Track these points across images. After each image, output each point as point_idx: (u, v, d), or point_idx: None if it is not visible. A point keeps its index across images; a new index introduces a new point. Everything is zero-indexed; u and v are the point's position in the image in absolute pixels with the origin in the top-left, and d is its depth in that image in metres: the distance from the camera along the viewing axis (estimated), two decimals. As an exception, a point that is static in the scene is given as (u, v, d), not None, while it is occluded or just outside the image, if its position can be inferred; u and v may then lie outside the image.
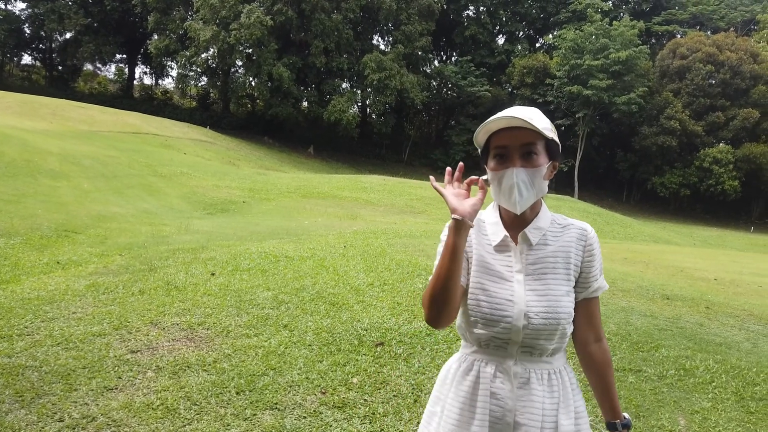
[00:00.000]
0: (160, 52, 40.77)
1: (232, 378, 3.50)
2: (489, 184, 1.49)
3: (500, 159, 1.44)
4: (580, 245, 1.52)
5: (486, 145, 1.49)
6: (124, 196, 13.62)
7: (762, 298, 7.47)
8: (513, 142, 1.43)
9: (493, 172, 1.45)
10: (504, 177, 1.43)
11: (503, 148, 1.44)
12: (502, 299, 1.46)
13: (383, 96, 41.27)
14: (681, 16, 50.33)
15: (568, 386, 1.53)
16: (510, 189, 1.43)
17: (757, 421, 3.50)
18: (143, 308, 4.69)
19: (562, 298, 1.47)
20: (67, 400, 3.11)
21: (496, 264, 1.51)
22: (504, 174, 1.43)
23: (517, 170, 1.42)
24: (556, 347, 1.50)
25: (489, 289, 1.48)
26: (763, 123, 42.07)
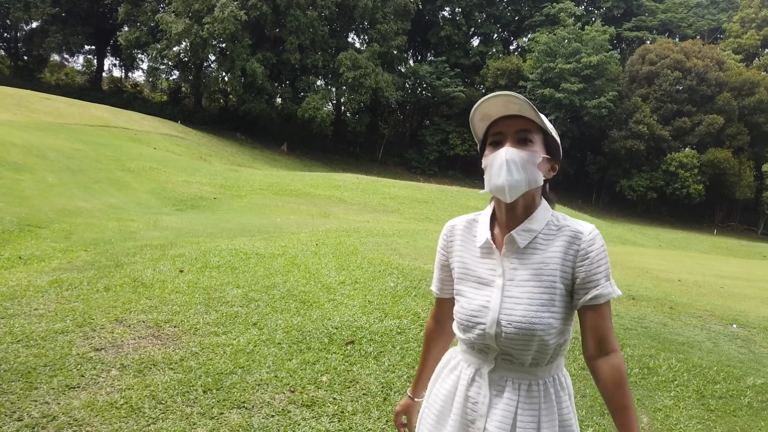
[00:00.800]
0: (131, 44, 39.91)
1: (199, 376, 3.44)
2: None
3: (496, 146, 1.42)
4: (571, 250, 1.41)
5: (484, 137, 1.48)
6: (90, 191, 13.31)
7: (723, 299, 7.69)
8: (508, 128, 1.41)
9: (485, 157, 1.44)
10: (496, 158, 1.39)
11: (499, 134, 1.42)
12: (478, 306, 1.44)
13: (358, 94, 41.20)
14: (650, 22, 51.49)
15: (552, 398, 1.45)
16: (500, 168, 1.38)
17: (717, 419, 3.60)
18: (108, 305, 4.59)
19: (540, 307, 1.39)
20: (26, 399, 3.02)
21: (480, 268, 1.47)
22: (496, 155, 1.39)
23: (507, 148, 1.39)
24: (536, 358, 1.42)
25: (467, 295, 1.47)
26: (727, 129, 43.33)
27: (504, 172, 1.37)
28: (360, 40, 48.01)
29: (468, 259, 1.50)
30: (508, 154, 1.38)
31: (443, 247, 1.58)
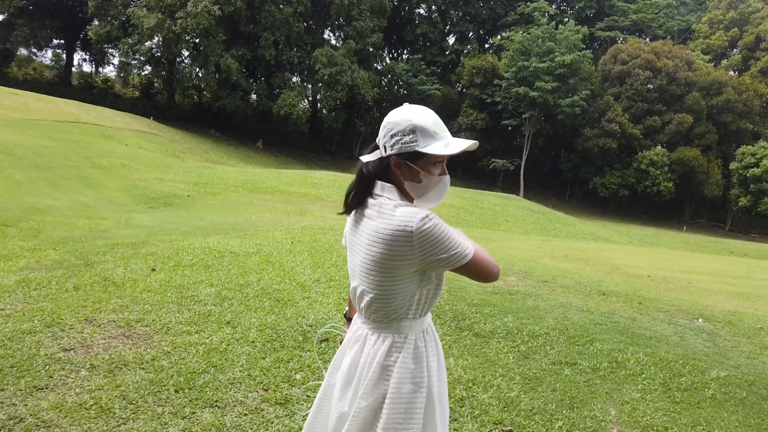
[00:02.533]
0: (101, 38, 39.06)
1: (171, 376, 3.42)
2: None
3: (438, 165, 1.73)
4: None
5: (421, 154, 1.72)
6: (59, 188, 13.03)
7: (690, 294, 7.88)
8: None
9: (432, 176, 1.72)
10: (443, 182, 1.75)
11: (442, 157, 1.72)
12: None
13: (334, 91, 41.05)
14: (622, 22, 52.35)
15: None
16: (444, 192, 1.77)
17: (682, 410, 3.70)
18: (78, 305, 4.51)
19: None
20: (-8, 402, 2.96)
21: None
22: (442, 180, 1.75)
23: (449, 178, 1.78)
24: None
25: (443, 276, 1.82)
26: (696, 128, 44.34)
27: (445, 195, 1.79)
28: (336, 37, 47.83)
29: None
30: (449, 181, 1.79)
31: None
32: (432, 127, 1.66)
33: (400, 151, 1.67)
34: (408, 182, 1.72)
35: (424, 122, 1.65)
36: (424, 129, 1.65)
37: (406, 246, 1.60)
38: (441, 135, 1.68)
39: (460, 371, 3.86)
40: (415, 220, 1.59)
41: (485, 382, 3.73)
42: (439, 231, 1.60)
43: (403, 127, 1.66)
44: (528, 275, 7.39)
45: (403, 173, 1.71)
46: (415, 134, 1.65)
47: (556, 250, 11.72)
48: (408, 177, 1.71)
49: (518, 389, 3.70)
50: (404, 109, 1.70)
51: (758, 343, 5.45)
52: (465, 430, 3.13)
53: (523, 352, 4.38)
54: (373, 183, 1.74)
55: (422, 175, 1.70)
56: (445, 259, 1.62)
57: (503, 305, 5.57)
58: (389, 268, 1.66)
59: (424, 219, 1.59)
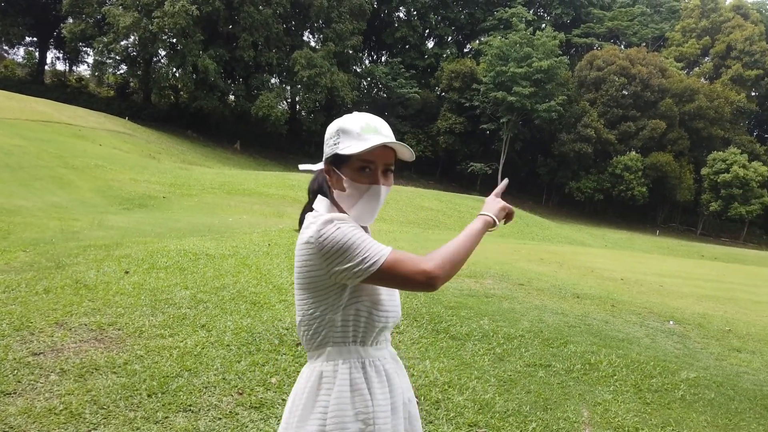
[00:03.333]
0: (75, 36, 38.40)
1: (144, 380, 3.37)
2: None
3: (365, 172, 1.49)
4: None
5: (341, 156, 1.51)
6: (30, 189, 12.76)
7: (662, 297, 8.04)
8: (379, 159, 1.50)
9: (358, 183, 1.49)
10: (371, 192, 1.51)
11: (371, 162, 1.49)
12: (396, 299, 1.64)
13: (313, 93, 40.96)
14: (598, 29, 53.23)
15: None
16: (376, 204, 1.53)
17: (653, 411, 3.77)
18: (48, 308, 4.42)
19: None
20: (-43, 407, 2.88)
21: None
22: (371, 189, 1.50)
23: (385, 188, 1.53)
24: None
25: (386, 292, 1.58)
26: (669, 134, 45.29)
27: (377, 209, 1.55)
28: (315, 39, 47.76)
29: None
30: (384, 194, 1.53)
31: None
32: (357, 129, 1.47)
33: (327, 155, 1.53)
34: (336, 192, 1.54)
35: (350, 125, 1.48)
36: (348, 131, 1.48)
37: (314, 257, 1.43)
38: (366, 137, 1.46)
39: (436, 374, 3.88)
40: (316, 226, 1.43)
41: (461, 385, 3.76)
42: (341, 236, 1.40)
43: (332, 131, 1.52)
44: (504, 278, 7.45)
45: (333, 181, 1.55)
46: (339, 136, 1.49)
47: (532, 253, 11.85)
48: (336, 185, 1.54)
49: (493, 391, 3.73)
50: (345, 116, 1.55)
51: (726, 345, 5.58)
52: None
53: (499, 355, 4.42)
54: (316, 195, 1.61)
55: (346, 182, 1.50)
56: (351, 269, 1.40)
57: (479, 308, 5.61)
58: (305, 285, 1.49)
59: (324, 224, 1.42)
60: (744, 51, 49.68)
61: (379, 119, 1.52)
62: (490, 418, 3.36)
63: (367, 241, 1.42)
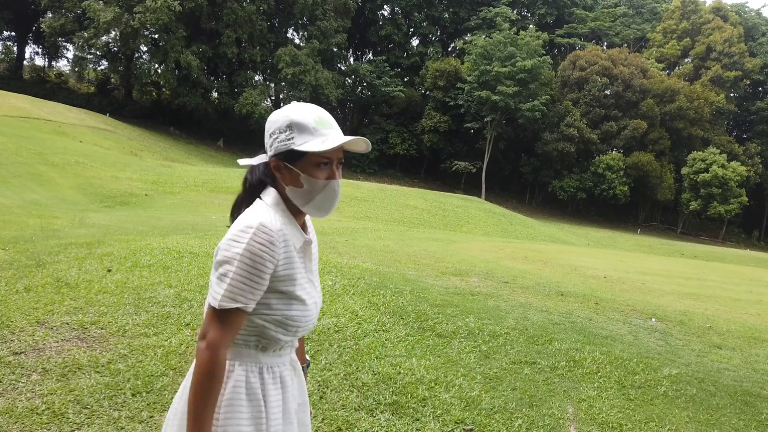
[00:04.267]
0: (55, 31, 37.72)
1: (128, 379, 3.33)
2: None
3: (322, 167, 1.49)
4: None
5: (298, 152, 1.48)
6: (9, 186, 12.53)
7: (644, 295, 8.14)
8: (334, 154, 1.50)
9: (316, 179, 1.49)
10: (329, 187, 1.51)
11: (328, 158, 1.50)
12: (313, 303, 1.59)
13: (297, 91, 40.75)
14: (581, 30, 53.70)
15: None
16: (334, 198, 1.53)
17: (636, 407, 3.82)
18: (29, 307, 4.34)
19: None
20: (-65, 408, 2.82)
21: (301, 268, 1.55)
22: (329, 184, 1.50)
23: (338, 182, 1.53)
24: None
25: (303, 296, 1.53)
26: (650, 133, 45.86)
27: (335, 203, 1.55)
28: (300, 37, 47.54)
29: (295, 260, 1.52)
30: (339, 188, 1.54)
31: (274, 255, 1.44)
32: (312, 123, 1.46)
33: (277, 150, 1.49)
34: (289, 188, 1.51)
35: (302, 118, 1.46)
36: (302, 125, 1.46)
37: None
38: (322, 132, 1.46)
39: (423, 371, 3.89)
40: (237, 229, 1.44)
41: (447, 382, 3.77)
42: (231, 257, 1.40)
43: (279, 125, 1.48)
44: (489, 276, 7.49)
45: (284, 177, 1.51)
46: (292, 131, 1.46)
47: (516, 251, 11.93)
48: (289, 181, 1.50)
49: (479, 388, 3.75)
50: (286, 106, 1.51)
51: (707, 341, 5.67)
52: (427, 429, 3.16)
53: (485, 352, 4.44)
54: (259, 190, 1.55)
55: (303, 178, 1.48)
56: (212, 284, 1.44)
57: (465, 306, 5.63)
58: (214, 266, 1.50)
59: (235, 236, 1.42)
60: (723, 52, 50.47)
61: (324, 111, 1.52)
62: (476, 415, 3.38)
63: (244, 283, 1.40)
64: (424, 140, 47.24)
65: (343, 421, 3.14)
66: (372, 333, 4.51)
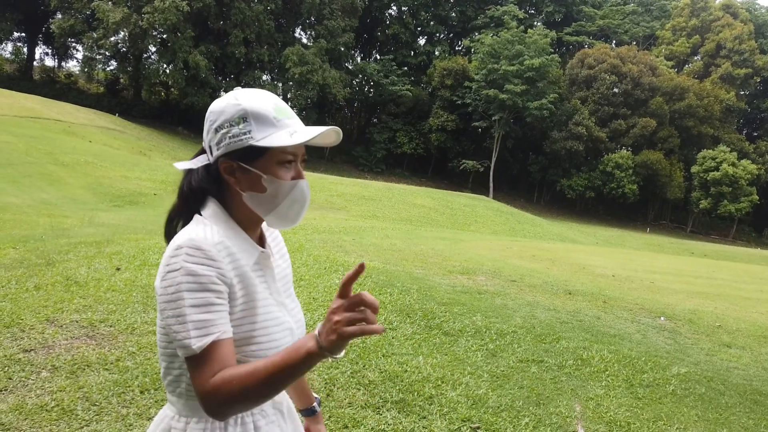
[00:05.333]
0: (64, 32, 38.04)
1: (137, 377, 3.35)
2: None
3: (287, 166, 1.19)
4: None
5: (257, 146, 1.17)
6: (19, 185, 12.64)
7: (653, 294, 8.10)
8: (299, 150, 1.22)
9: (282, 180, 1.18)
10: (298, 189, 1.20)
11: (294, 155, 1.20)
12: (286, 327, 1.25)
13: (305, 90, 40.86)
14: (589, 28, 53.44)
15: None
16: (303, 203, 1.23)
17: (644, 406, 3.80)
18: (39, 305, 4.38)
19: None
20: (-54, 405, 2.86)
21: (262, 286, 1.22)
22: (297, 185, 1.20)
23: (307, 182, 1.23)
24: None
25: (271, 318, 1.22)
26: (659, 132, 45.57)
27: (305, 208, 1.25)
28: (307, 36, 47.65)
29: (251, 280, 1.19)
30: (307, 189, 1.23)
31: (222, 273, 1.12)
32: (272, 112, 1.17)
33: (229, 149, 1.17)
34: (248, 193, 1.19)
35: (259, 106, 1.17)
36: (260, 115, 1.16)
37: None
38: (284, 123, 1.18)
39: (429, 369, 3.89)
40: (166, 255, 1.13)
41: (454, 380, 3.76)
42: (173, 291, 1.09)
43: (229, 116, 1.17)
44: (497, 275, 7.48)
45: (240, 181, 1.19)
46: (248, 123, 1.16)
47: (524, 250, 11.89)
48: (247, 186, 1.18)
49: (486, 387, 3.74)
50: (231, 94, 1.21)
51: (716, 340, 5.63)
52: (434, 427, 3.16)
53: (491, 350, 4.43)
54: (200, 201, 1.22)
55: (266, 179, 1.17)
56: (171, 333, 1.11)
57: (472, 304, 5.62)
58: (160, 311, 1.16)
59: (167, 267, 1.11)
60: (733, 50, 50.06)
61: (277, 96, 1.24)
62: (483, 413, 3.38)
63: (201, 306, 1.09)
64: (431, 139, 47.19)
65: (350, 418, 3.15)
66: (379, 331, 4.50)
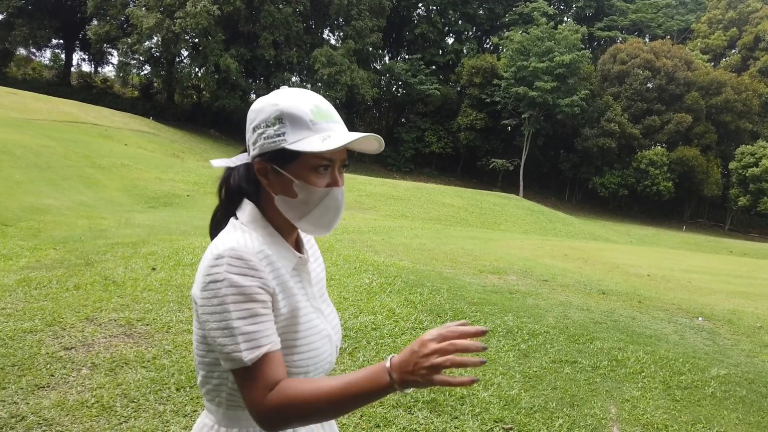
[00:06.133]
0: (100, 38, 39.10)
1: (172, 374, 3.42)
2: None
3: (321, 172, 1.15)
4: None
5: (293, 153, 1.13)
6: (59, 188, 13.02)
7: (690, 293, 7.89)
8: (338, 156, 1.17)
9: (314, 187, 1.15)
10: (331, 197, 1.17)
11: (329, 161, 1.15)
12: (325, 334, 1.24)
13: (333, 91, 41.08)
14: (621, 22, 52.36)
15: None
16: (337, 211, 1.19)
17: (682, 408, 3.71)
18: (78, 304, 4.51)
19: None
20: (-7, 400, 2.96)
21: (300, 299, 1.20)
22: (330, 193, 1.16)
23: (342, 190, 1.19)
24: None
25: (312, 327, 1.21)
26: (695, 127, 44.37)
27: (339, 217, 1.21)
28: (335, 37, 47.88)
29: (291, 288, 1.18)
30: (342, 196, 1.20)
31: (265, 282, 1.11)
32: (308, 114, 1.13)
33: (263, 150, 1.15)
34: (280, 197, 1.17)
35: (296, 108, 1.13)
36: (296, 117, 1.12)
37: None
38: (322, 126, 1.13)
39: (461, 369, 3.87)
40: (206, 264, 1.11)
41: (485, 381, 3.74)
42: (218, 302, 1.07)
43: (266, 116, 1.14)
44: (528, 274, 7.39)
45: (272, 184, 1.17)
46: (283, 124, 1.12)
47: (555, 249, 11.73)
48: (279, 189, 1.16)
49: (519, 387, 3.71)
50: (274, 93, 1.18)
51: (758, 341, 5.46)
52: (466, 427, 3.14)
53: (524, 351, 4.39)
54: (237, 201, 1.23)
55: (297, 185, 1.14)
56: (216, 345, 1.08)
57: (503, 304, 5.57)
58: (200, 322, 1.15)
59: (208, 278, 1.09)
60: (773, 42, 48.46)
61: (323, 98, 1.19)
62: (515, 414, 3.35)
63: (249, 317, 1.06)
64: (460, 138, 46.91)
65: (381, 417, 3.16)
66: (409, 331, 4.51)
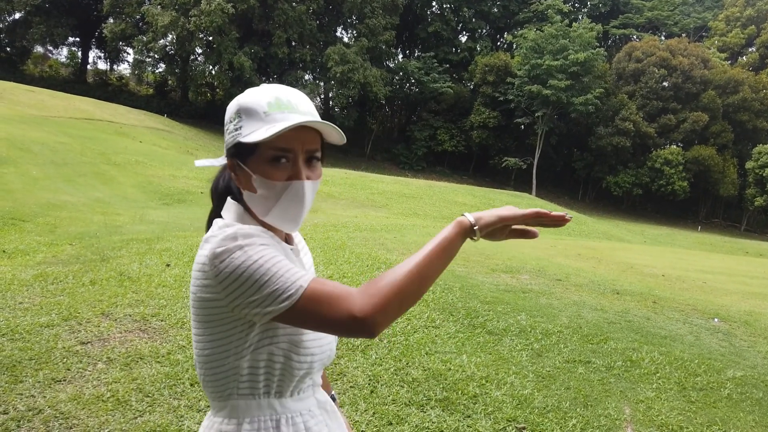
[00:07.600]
0: (116, 36, 39.50)
1: (187, 369, 3.45)
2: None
3: (280, 164, 1.11)
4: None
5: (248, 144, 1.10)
6: (75, 184, 13.17)
7: (706, 294, 7.80)
8: (299, 145, 1.11)
9: (271, 180, 1.11)
10: (291, 190, 1.12)
11: (287, 151, 1.11)
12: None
13: (346, 89, 41.15)
14: (637, 20, 51.84)
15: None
16: (301, 207, 1.14)
17: (697, 410, 3.67)
18: (94, 299, 4.56)
19: None
20: (12, 392, 3.01)
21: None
22: (290, 187, 1.12)
23: (310, 184, 1.14)
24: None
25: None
26: (711, 127, 43.83)
27: (304, 212, 1.16)
28: (348, 35, 47.93)
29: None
30: (309, 189, 1.14)
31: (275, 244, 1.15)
32: (263, 107, 1.10)
33: (227, 145, 1.15)
34: (246, 193, 1.15)
35: (252, 101, 1.11)
36: (250, 110, 1.10)
37: (210, 283, 1.06)
38: (275, 117, 1.09)
39: (473, 368, 3.86)
40: (212, 245, 1.06)
41: (498, 380, 3.73)
42: (246, 262, 1.03)
43: (230, 112, 1.14)
44: (541, 274, 7.36)
45: (240, 179, 1.15)
46: (240, 118, 1.11)
47: (569, 248, 11.65)
48: (244, 185, 1.15)
49: (532, 387, 3.69)
50: (248, 90, 1.17)
51: (775, 343, 5.38)
52: (479, 426, 3.13)
53: (537, 350, 4.36)
54: (222, 201, 1.24)
55: (255, 180, 1.11)
56: (256, 304, 1.03)
57: (516, 303, 5.55)
58: (201, 317, 1.12)
59: (223, 243, 1.05)
60: (792, 40, 47.72)
61: (294, 91, 1.15)
62: (528, 413, 3.33)
63: (281, 267, 1.04)
64: (472, 136, 46.74)
65: (394, 415, 3.16)
66: (422, 329, 4.51)
